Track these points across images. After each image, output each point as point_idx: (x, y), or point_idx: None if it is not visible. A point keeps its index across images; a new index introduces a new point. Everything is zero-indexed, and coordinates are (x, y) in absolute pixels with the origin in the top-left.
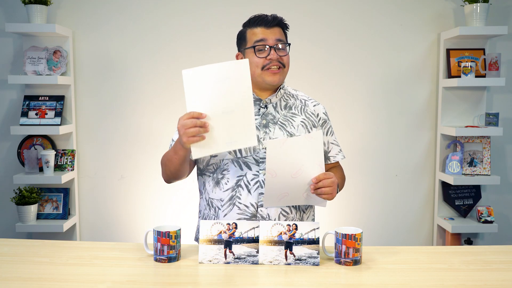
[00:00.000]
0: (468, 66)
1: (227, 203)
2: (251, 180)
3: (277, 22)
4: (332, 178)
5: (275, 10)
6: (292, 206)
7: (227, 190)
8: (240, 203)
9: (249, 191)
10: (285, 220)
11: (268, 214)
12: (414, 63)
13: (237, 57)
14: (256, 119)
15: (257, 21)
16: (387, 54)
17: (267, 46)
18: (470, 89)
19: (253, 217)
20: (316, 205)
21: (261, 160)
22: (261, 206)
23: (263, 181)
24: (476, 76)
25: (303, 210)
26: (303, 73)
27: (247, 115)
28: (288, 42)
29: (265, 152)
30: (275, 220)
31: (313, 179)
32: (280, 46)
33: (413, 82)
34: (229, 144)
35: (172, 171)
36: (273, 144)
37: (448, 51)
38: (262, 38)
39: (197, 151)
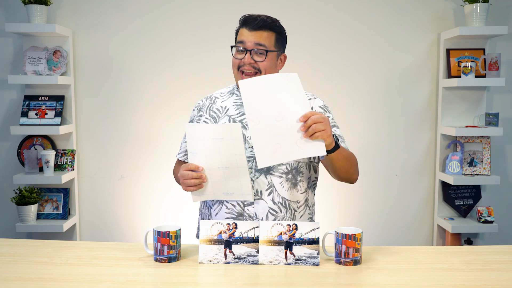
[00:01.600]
0: (468, 66)
1: (217, 203)
2: None
3: (262, 25)
4: (322, 114)
5: (275, 10)
6: (281, 204)
7: None
8: (228, 202)
9: None
10: (274, 219)
11: (255, 213)
12: (414, 63)
13: None
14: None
15: (245, 21)
16: (387, 54)
17: (244, 49)
18: (470, 89)
19: (240, 216)
20: (314, 154)
21: (248, 158)
22: (248, 204)
23: (252, 179)
24: (476, 76)
25: (294, 209)
26: (303, 73)
27: (242, 172)
28: (271, 49)
29: (251, 151)
30: (262, 219)
31: (300, 118)
32: (258, 51)
33: (413, 82)
34: (226, 194)
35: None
36: (246, 83)
37: (448, 51)
38: (242, 40)
39: (197, 197)
